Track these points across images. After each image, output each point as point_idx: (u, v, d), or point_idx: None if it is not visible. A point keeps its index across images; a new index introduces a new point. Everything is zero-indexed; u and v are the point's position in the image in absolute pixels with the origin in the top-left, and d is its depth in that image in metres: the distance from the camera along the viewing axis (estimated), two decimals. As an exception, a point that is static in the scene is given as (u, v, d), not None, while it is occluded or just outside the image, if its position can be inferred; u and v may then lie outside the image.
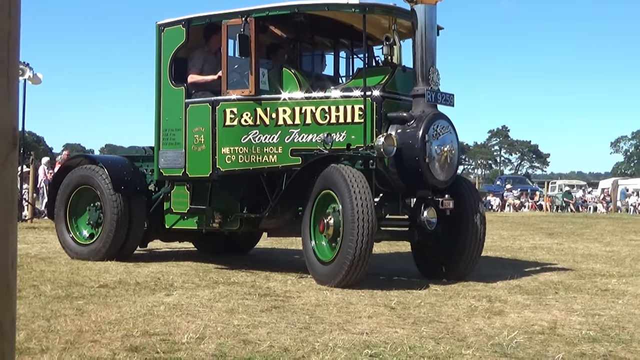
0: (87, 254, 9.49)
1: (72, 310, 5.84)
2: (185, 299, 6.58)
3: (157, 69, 9.40)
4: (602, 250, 12.55)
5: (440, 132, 8.06)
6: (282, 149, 8.44)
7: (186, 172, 9.14)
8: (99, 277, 7.86)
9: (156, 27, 9.43)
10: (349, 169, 7.65)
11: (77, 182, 9.78)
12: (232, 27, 8.66)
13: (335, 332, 5.27)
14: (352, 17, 8.69)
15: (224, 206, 9.10)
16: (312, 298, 6.85)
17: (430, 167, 7.95)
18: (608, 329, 5.58)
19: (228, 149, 8.72)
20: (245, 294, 7.02)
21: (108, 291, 7.00)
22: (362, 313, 6.09)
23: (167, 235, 10.43)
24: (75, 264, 9.09)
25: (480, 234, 8.36)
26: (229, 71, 8.81)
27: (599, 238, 15.71)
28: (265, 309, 6.16)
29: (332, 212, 7.79)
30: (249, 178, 8.87)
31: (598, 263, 10.46)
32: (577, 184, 61.68)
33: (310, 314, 6.02)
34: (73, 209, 9.89)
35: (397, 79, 8.44)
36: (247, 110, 8.61)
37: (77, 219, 9.93)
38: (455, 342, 5.03)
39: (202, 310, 6.00)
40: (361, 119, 8.07)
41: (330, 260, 7.65)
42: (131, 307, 6.07)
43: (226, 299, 6.64)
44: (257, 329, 5.28)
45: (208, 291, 7.12)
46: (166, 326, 5.31)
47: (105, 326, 5.23)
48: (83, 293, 6.82)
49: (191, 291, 7.12)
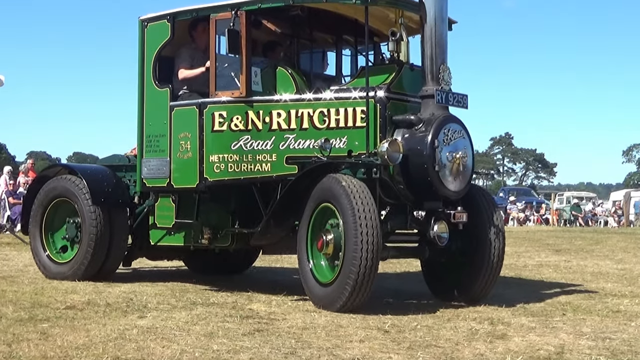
0: (64, 273, 9.06)
1: (35, 334, 5.67)
2: (160, 322, 6.40)
3: (140, 68, 8.97)
4: (614, 268, 12.30)
5: (452, 137, 7.63)
6: (276, 156, 8.02)
7: (171, 182, 8.70)
8: (65, 298, 7.60)
9: (139, 22, 9.00)
10: (349, 178, 7.21)
11: (53, 194, 9.36)
12: (221, 22, 8.24)
13: (324, 357, 5.16)
14: (355, 10, 8.23)
15: (214, 220, 8.65)
16: (299, 320, 6.67)
17: (440, 176, 7.49)
18: (620, 354, 5.49)
19: (216, 156, 8.27)
20: (225, 315, 6.83)
21: (75, 313, 6.79)
22: (353, 337, 5.95)
23: (153, 253, 9.95)
24: (40, 283, 8.79)
25: (500, 252, 7.89)
26: (218, 70, 8.37)
27: (610, 255, 15.35)
28: (247, 333, 6.00)
29: (331, 228, 7.35)
30: (240, 189, 8.43)
31: (609, 282, 10.27)
32: (586, 196, 61.53)
33: (297, 337, 5.87)
34: (49, 224, 9.47)
35: (404, 78, 7.98)
36: (238, 114, 8.17)
37: (53, 234, 9.51)
38: (454, 370, 5.02)
39: (178, 334, 5.84)
40: (363, 122, 7.64)
41: (331, 282, 7.22)
42: (101, 330, 5.91)
43: (205, 322, 6.46)
44: (238, 355, 5.17)
45: (185, 313, 6.93)
46: (139, 351, 5.16)
47: (73, 352, 5.08)
48: (48, 315, 6.60)
49: (166, 313, 6.92)
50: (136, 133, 9.09)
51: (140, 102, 9.02)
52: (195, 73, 8.74)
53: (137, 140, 9.05)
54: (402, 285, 9.67)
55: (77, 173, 9.26)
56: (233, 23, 8.06)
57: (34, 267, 10.57)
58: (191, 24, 8.97)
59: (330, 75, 9.74)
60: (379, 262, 7.12)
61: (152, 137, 8.90)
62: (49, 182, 9.55)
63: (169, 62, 8.99)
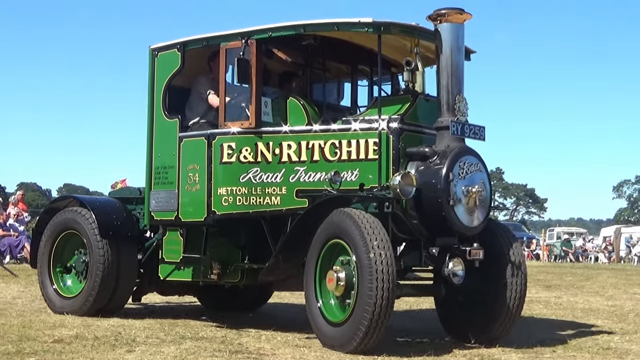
0: (70, 308, 8.88)
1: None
2: (149, 356, 6.34)
3: (150, 98, 8.80)
4: (604, 305, 12.33)
5: (468, 170, 7.31)
6: (286, 189, 7.77)
7: (179, 215, 8.47)
8: (53, 331, 7.55)
9: (149, 51, 8.87)
10: (361, 213, 6.94)
11: (62, 226, 9.19)
12: (232, 51, 8.07)
13: (313, 395, 5.21)
14: (370, 39, 8.01)
15: (223, 255, 8.42)
16: (288, 356, 6.60)
17: (455, 211, 7.17)
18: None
19: (225, 189, 8.05)
20: (214, 350, 6.76)
21: (63, 347, 6.71)
22: None
23: (164, 288, 9.68)
24: (28, 316, 8.74)
25: (521, 293, 7.52)
26: (228, 101, 8.22)
27: (600, 291, 15.40)
28: (236, 369, 5.83)
29: (342, 265, 7.04)
30: (250, 223, 8.19)
31: (599, 319, 10.27)
32: (576, 231, 61.46)
33: (286, 375, 5.75)
34: (58, 257, 9.29)
35: (419, 109, 7.72)
36: (247, 145, 7.94)
37: (62, 267, 9.33)
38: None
39: (166, 369, 5.74)
40: (376, 154, 7.37)
41: (342, 322, 6.89)
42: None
43: (193, 357, 6.39)
44: (227, 391, 5.21)
45: (174, 347, 6.87)
46: (127, 387, 5.22)
47: (60, 388, 5.13)
48: (36, 349, 6.52)
49: (155, 347, 6.86)
50: (145, 164, 8.90)
51: (150, 132, 8.83)
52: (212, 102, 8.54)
53: (145, 172, 8.86)
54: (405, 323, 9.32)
55: (86, 205, 9.07)
56: (243, 52, 7.90)
57: (22, 300, 10.61)
58: (210, 55, 8.80)
59: (345, 107, 9.53)
60: (394, 301, 6.83)
61: (161, 169, 8.70)
62: (58, 214, 9.36)
63: (179, 92, 8.84)
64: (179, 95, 8.80)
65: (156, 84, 8.77)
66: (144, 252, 9.09)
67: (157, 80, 8.78)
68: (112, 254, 8.74)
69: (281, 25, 7.97)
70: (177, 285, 9.40)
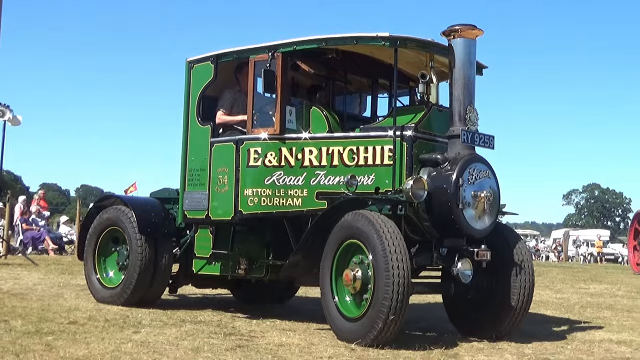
0: (109, 297, 8.59)
1: (41, 346, 5.58)
2: (153, 337, 6.33)
3: (186, 106, 8.48)
4: (553, 298, 12.35)
5: (477, 176, 6.94)
6: (307, 191, 7.43)
7: (209, 214, 8.14)
8: (69, 314, 7.50)
9: (186, 63, 8.53)
10: (378, 215, 6.57)
11: (106, 222, 8.91)
12: (259, 63, 7.72)
13: (297, 372, 5.19)
14: (389, 54, 7.59)
15: (249, 252, 8.10)
16: (276, 338, 6.63)
17: (464, 214, 6.79)
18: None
19: (251, 190, 7.73)
20: (211, 332, 6.76)
21: (77, 328, 6.67)
22: (323, 354, 5.91)
23: (198, 281, 9.32)
24: (47, 300, 8.67)
25: (528, 293, 7.15)
26: (256, 109, 7.88)
27: (550, 285, 15.32)
28: (229, 348, 5.94)
29: (358, 264, 6.64)
30: (274, 222, 7.84)
31: (549, 310, 10.25)
32: (530, 233, 62.08)
33: (273, 353, 5.82)
34: (102, 250, 9.00)
35: (433, 119, 7.35)
36: (272, 150, 7.61)
37: (105, 260, 9.03)
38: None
39: (168, 348, 5.78)
40: (391, 160, 7.00)
41: (359, 317, 6.49)
42: (99, 343, 5.82)
43: (192, 338, 6.40)
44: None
45: (175, 329, 6.85)
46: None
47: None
48: (53, 329, 6.48)
49: (158, 329, 6.84)
50: (180, 167, 8.60)
51: (185, 138, 8.52)
52: (233, 120, 8.25)
53: (180, 174, 8.56)
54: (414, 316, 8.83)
55: (127, 204, 8.82)
56: (269, 64, 7.57)
57: (42, 286, 10.60)
58: (237, 67, 8.48)
59: (365, 117, 9.12)
60: (409, 297, 6.42)
61: (194, 171, 8.39)
62: (103, 212, 9.10)
63: (212, 101, 8.54)
64: (212, 104, 8.51)
65: (191, 94, 8.48)
66: (180, 248, 8.79)
67: (192, 90, 8.48)
68: (150, 249, 8.44)
69: (305, 39, 7.64)
70: (209, 279, 9.07)
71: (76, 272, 13.59)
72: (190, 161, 8.43)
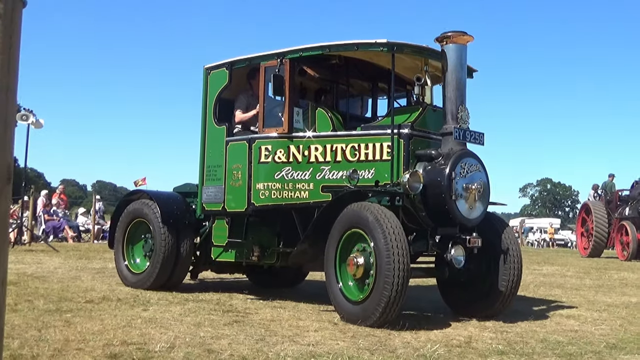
0: (136, 282, 8.53)
1: (61, 322, 5.67)
2: (160, 314, 6.42)
3: (203, 109, 8.40)
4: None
5: (469, 170, 6.83)
6: (313, 185, 7.35)
7: (225, 206, 8.06)
8: (85, 294, 7.57)
9: (204, 70, 8.46)
10: (377, 206, 6.46)
11: (134, 214, 8.84)
12: (269, 68, 7.66)
13: (287, 343, 5.20)
14: (387, 60, 7.46)
15: (262, 240, 8.03)
16: (268, 314, 6.74)
17: (457, 205, 6.68)
18: (514, 344, 5.59)
19: (262, 184, 7.64)
20: (211, 310, 6.86)
21: (93, 306, 6.77)
22: (310, 328, 6.02)
23: (216, 267, 9.24)
24: (66, 282, 8.75)
25: (517, 274, 7.00)
26: (266, 110, 7.82)
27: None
28: (227, 323, 6.03)
29: (360, 251, 6.50)
30: (284, 213, 7.74)
31: (506, 289, 10.40)
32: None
33: (266, 327, 5.92)
34: (131, 239, 8.92)
35: (427, 118, 7.26)
36: (281, 148, 7.55)
37: (133, 248, 8.94)
38: (387, 353, 5.01)
39: (173, 324, 5.86)
40: (389, 156, 6.91)
41: (362, 300, 6.34)
42: (112, 320, 5.91)
43: (194, 314, 6.49)
44: (219, 340, 5.19)
45: (179, 307, 6.95)
46: (142, 337, 5.18)
47: (89, 336, 5.09)
48: (71, 307, 6.58)
49: (165, 307, 6.94)
50: (198, 164, 8.48)
51: (203, 137, 8.44)
52: (248, 116, 8.16)
53: (199, 170, 8.46)
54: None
55: (152, 198, 8.74)
56: (278, 69, 7.51)
57: (61, 270, 10.62)
58: (249, 73, 8.41)
59: (367, 117, 9.00)
60: (409, 281, 6.30)
61: (211, 168, 8.30)
62: (131, 204, 9.03)
63: (227, 104, 8.48)
64: (227, 106, 8.47)
65: (209, 97, 8.41)
66: (200, 237, 8.76)
67: (209, 94, 8.41)
68: (172, 238, 8.39)
69: (310, 46, 7.56)
70: (226, 265, 9.01)
71: (92, 257, 13.63)
72: (208, 158, 8.37)
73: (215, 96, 8.34)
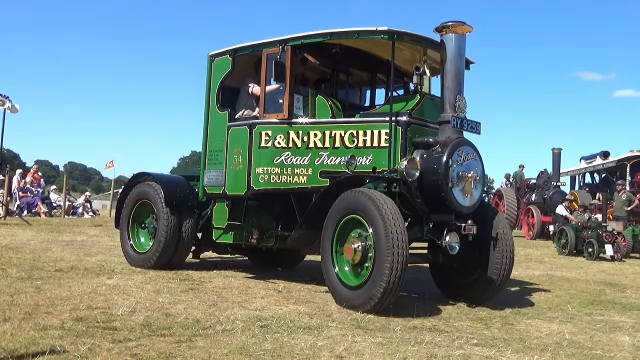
0: (140, 262, 7.81)
1: (32, 289, 5.53)
2: (123, 282, 6.30)
3: (207, 95, 7.69)
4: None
5: (465, 158, 6.15)
6: (312, 170, 6.65)
7: (225, 190, 7.40)
8: (55, 264, 7.39)
9: (208, 57, 7.73)
10: (376, 193, 5.75)
11: (139, 197, 8.12)
12: (272, 56, 6.94)
13: (236, 308, 5.17)
14: (387, 51, 6.78)
15: (261, 223, 7.37)
16: (220, 283, 6.69)
17: (453, 192, 5.99)
18: (435, 310, 5.69)
19: (262, 169, 6.96)
20: (169, 279, 6.75)
21: (62, 275, 6.61)
22: (257, 295, 6.01)
23: (218, 248, 8.53)
24: (38, 253, 8.50)
25: (509, 262, 6.33)
26: (267, 97, 7.10)
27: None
28: (184, 290, 5.98)
29: (358, 237, 5.74)
30: (282, 198, 7.04)
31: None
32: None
33: (218, 294, 5.88)
34: (136, 220, 8.21)
35: (425, 107, 6.55)
36: (281, 133, 6.83)
37: (138, 228, 8.24)
38: (324, 318, 5.03)
39: (135, 291, 5.77)
40: (387, 143, 6.22)
41: (360, 285, 5.60)
42: (79, 287, 5.77)
43: (155, 282, 6.39)
44: (177, 305, 5.13)
45: (141, 276, 6.81)
46: (106, 302, 5.10)
47: (58, 302, 4.98)
48: (42, 276, 6.42)
49: (128, 276, 6.80)
50: (201, 148, 7.85)
51: (206, 123, 7.73)
52: (272, 88, 7.18)
53: (202, 154, 7.83)
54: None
55: (157, 181, 8.06)
56: (280, 56, 6.81)
57: (34, 242, 10.33)
58: (257, 62, 7.60)
59: (365, 107, 8.25)
60: (407, 267, 5.51)
61: (213, 152, 7.62)
62: (136, 187, 8.30)
63: (229, 91, 7.77)
64: (230, 94, 7.77)
65: (212, 84, 7.69)
66: (202, 220, 8.05)
67: (213, 81, 7.69)
68: (175, 219, 7.70)
69: (311, 33, 6.85)
70: (227, 246, 8.31)
71: (63, 231, 13.32)
72: (211, 143, 7.68)
73: (218, 83, 7.64)
